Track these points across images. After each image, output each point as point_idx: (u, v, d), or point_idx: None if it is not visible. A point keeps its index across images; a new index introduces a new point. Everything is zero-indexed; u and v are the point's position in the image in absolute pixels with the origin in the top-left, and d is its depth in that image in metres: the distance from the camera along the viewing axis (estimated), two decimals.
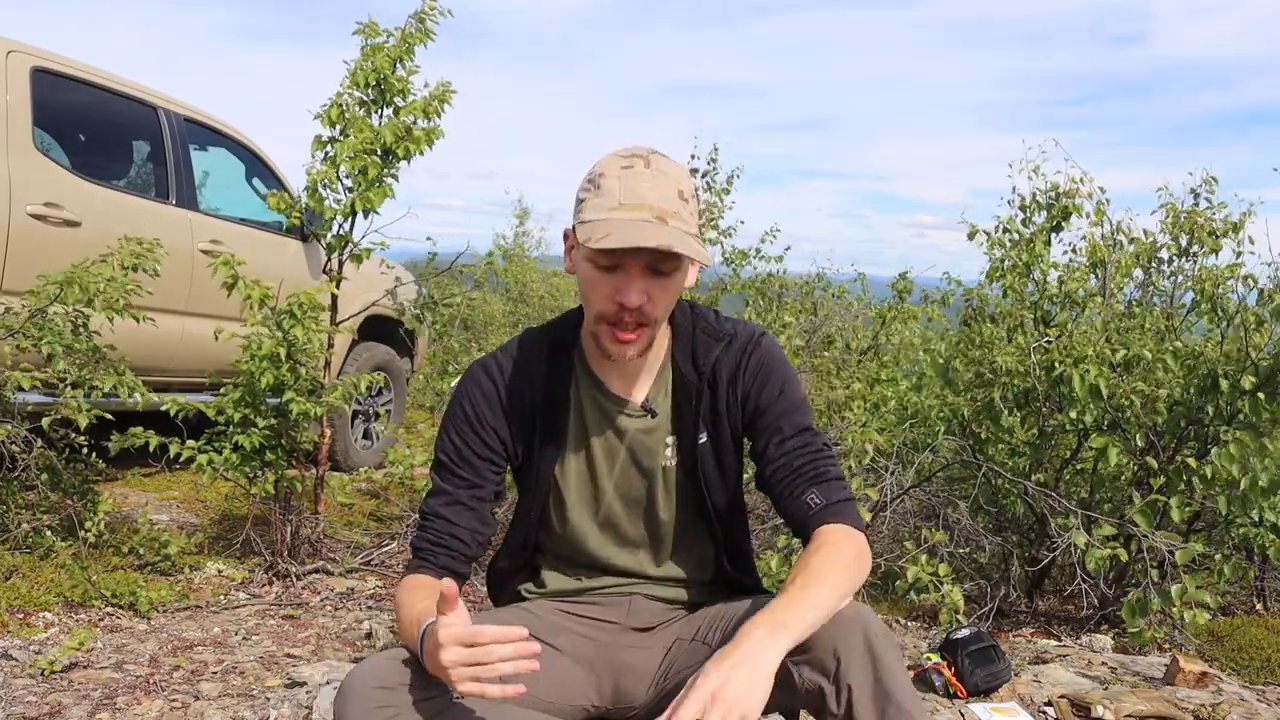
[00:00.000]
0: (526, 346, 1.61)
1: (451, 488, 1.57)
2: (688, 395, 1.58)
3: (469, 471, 1.57)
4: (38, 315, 3.33)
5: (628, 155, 1.44)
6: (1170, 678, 2.96)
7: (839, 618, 1.34)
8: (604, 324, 1.46)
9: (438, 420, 5.63)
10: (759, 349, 1.58)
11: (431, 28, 3.72)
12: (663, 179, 1.41)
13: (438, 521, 1.56)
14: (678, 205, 1.41)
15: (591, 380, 1.60)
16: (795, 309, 5.93)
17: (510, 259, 13.28)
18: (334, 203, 3.70)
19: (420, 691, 1.33)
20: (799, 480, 1.51)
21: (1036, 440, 4.11)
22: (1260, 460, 3.50)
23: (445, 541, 1.55)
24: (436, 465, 1.60)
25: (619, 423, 1.59)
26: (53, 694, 2.49)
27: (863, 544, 1.46)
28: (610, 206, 1.40)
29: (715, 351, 1.58)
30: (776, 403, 1.56)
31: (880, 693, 1.28)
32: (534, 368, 1.59)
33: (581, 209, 1.44)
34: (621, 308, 1.42)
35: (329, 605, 3.47)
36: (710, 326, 1.60)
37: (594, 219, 1.40)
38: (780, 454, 1.53)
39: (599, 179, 1.43)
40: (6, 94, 3.92)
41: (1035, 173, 4.44)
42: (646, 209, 1.39)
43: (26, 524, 3.39)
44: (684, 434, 1.59)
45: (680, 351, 1.59)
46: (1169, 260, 4.56)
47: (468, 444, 1.57)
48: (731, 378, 1.57)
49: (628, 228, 1.37)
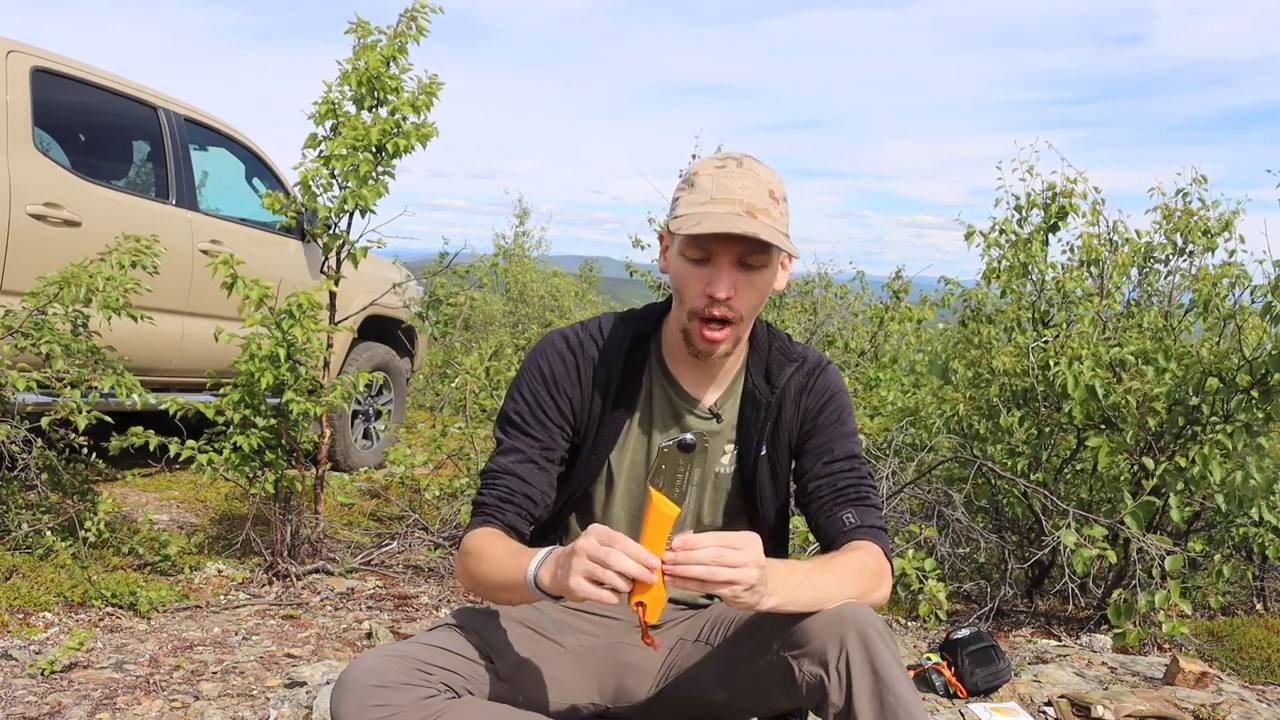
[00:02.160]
0: (608, 330, 1.63)
1: (524, 446, 1.57)
2: (756, 408, 1.62)
3: (540, 431, 1.57)
4: (36, 315, 3.33)
5: (722, 158, 1.50)
6: (1170, 678, 2.96)
7: (837, 613, 1.36)
8: (696, 319, 1.50)
9: (438, 420, 5.63)
10: (825, 374, 1.64)
11: (424, 25, 3.73)
12: (754, 179, 1.47)
13: (509, 479, 1.55)
14: (768, 203, 1.46)
15: (665, 375, 1.63)
16: (795, 308, 5.93)
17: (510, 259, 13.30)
18: (329, 201, 3.71)
19: (418, 690, 1.33)
20: (840, 499, 1.56)
21: (1035, 440, 4.11)
22: (1256, 459, 3.50)
23: (515, 499, 1.54)
24: (505, 422, 1.60)
25: (685, 421, 1.62)
26: (53, 694, 2.49)
27: (886, 567, 1.50)
28: (703, 201, 1.46)
29: (788, 371, 1.63)
30: (832, 427, 1.61)
31: (878, 683, 1.30)
32: (613, 352, 1.61)
33: (676, 206, 1.51)
34: (711, 300, 1.46)
35: (329, 605, 3.47)
36: (785, 347, 1.65)
37: (687, 213, 1.46)
38: (826, 473, 1.58)
39: (694, 178, 1.49)
40: (6, 94, 3.92)
41: (1030, 173, 4.45)
42: (737, 203, 1.44)
43: (26, 524, 3.39)
44: (746, 444, 1.63)
45: (755, 366, 1.63)
46: (1165, 260, 4.56)
47: (541, 404, 1.58)
48: (796, 397, 1.62)
49: (718, 218, 1.43)
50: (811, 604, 1.36)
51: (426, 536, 4.33)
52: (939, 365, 5.13)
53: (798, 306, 6.12)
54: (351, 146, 3.58)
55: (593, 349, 1.61)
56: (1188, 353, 3.79)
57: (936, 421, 4.40)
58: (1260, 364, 3.51)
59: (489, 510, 1.54)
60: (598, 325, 1.64)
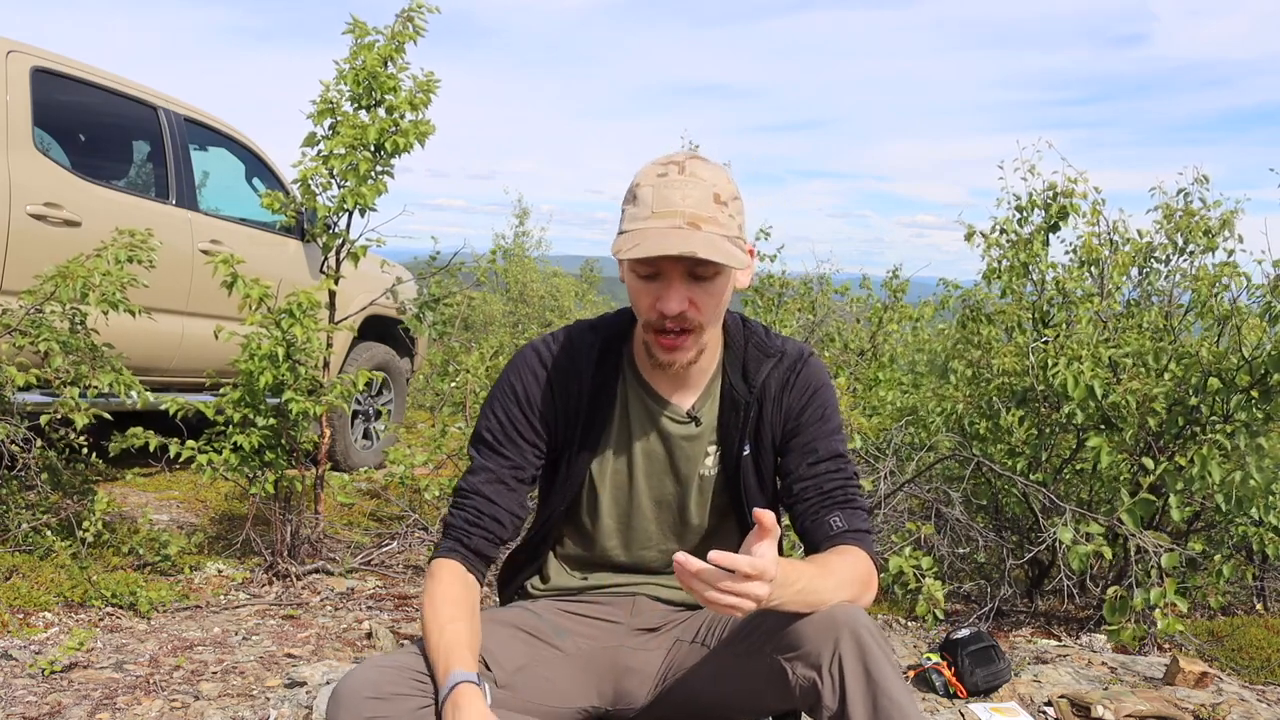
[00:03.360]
0: (577, 339, 1.61)
1: (495, 465, 1.56)
2: (735, 408, 1.59)
3: (513, 450, 1.57)
4: (34, 313, 3.33)
5: (664, 163, 1.46)
6: (1170, 678, 2.96)
7: (830, 615, 1.35)
8: (651, 332, 1.49)
9: (438, 420, 5.64)
10: (807, 367, 1.60)
11: (421, 25, 3.74)
12: (697, 184, 1.42)
13: (477, 499, 1.55)
14: (713, 210, 1.42)
15: (639, 382, 1.61)
16: (794, 308, 5.93)
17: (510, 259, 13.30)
18: (328, 200, 3.71)
19: (413, 700, 1.32)
20: (827, 502, 1.54)
21: (1035, 440, 4.11)
22: (1256, 459, 3.50)
23: (482, 521, 1.54)
24: (478, 440, 1.59)
25: (662, 426, 1.60)
26: (53, 694, 2.49)
27: (873, 572, 1.49)
28: (644, 216, 1.42)
29: (766, 368, 1.59)
30: (816, 425, 1.58)
31: (871, 685, 1.30)
32: (584, 362, 1.58)
33: (621, 221, 1.46)
34: (663, 315, 1.44)
35: (329, 605, 3.47)
36: (762, 342, 1.62)
37: (628, 229, 1.43)
38: (811, 474, 1.56)
39: (636, 190, 1.45)
40: (6, 94, 3.92)
41: (1031, 172, 4.45)
42: (678, 216, 1.40)
43: (26, 524, 3.39)
44: (728, 445, 1.60)
45: (731, 364, 1.60)
46: (1165, 260, 4.56)
47: (514, 423, 1.57)
48: (777, 394, 1.59)
49: (657, 236, 1.39)
50: (810, 607, 1.35)
51: (426, 536, 4.33)
52: (938, 365, 5.13)
53: (797, 306, 6.13)
54: (350, 145, 3.59)
55: (564, 360, 1.58)
56: (1188, 353, 3.79)
57: (936, 419, 4.40)
58: (1260, 364, 3.51)
59: (457, 533, 1.54)
60: (567, 335, 1.62)
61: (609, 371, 1.59)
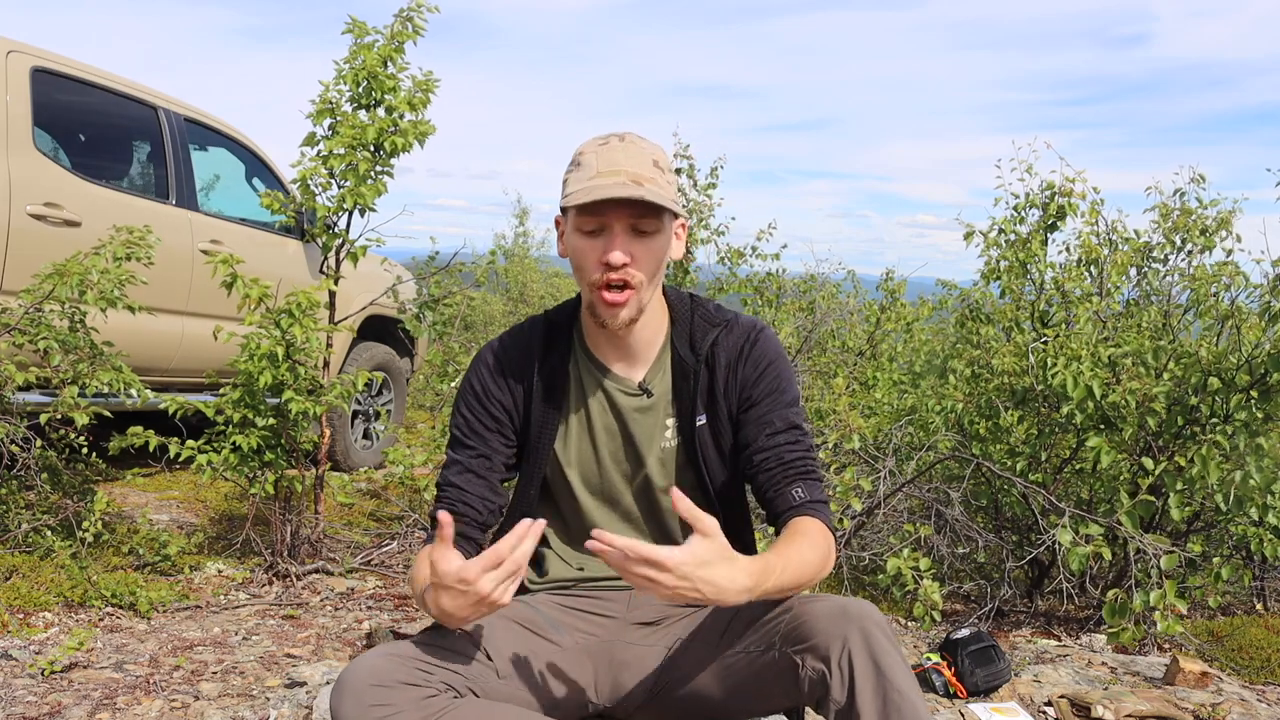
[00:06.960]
0: (528, 328, 1.69)
1: (463, 457, 1.64)
2: (685, 377, 1.64)
3: (478, 441, 1.63)
4: (33, 311, 3.33)
5: (605, 136, 1.56)
6: (1170, 678, 2.97)
7: (841, 609, 1.37)
8: (596, 291, 1.54)
9: (438, 420, 5.63)
10: (761, 339, 1.64)
11: (420, 25, 3.75)
12: (638, 150, 1.52)
13: (449, 490, 1.62)
14: (653, 173, 1.52)
15: (589, 358, 1.66)
16: (792, 308, 5.93)
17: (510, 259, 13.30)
18: (327, 200, 3.71)
19: (418, 690, 1.33)
20: (790, 472, 1.57)
21: (1034, 440, 4.12)
22: (1256, 459, 3.50)
23: (457, 509, 1.60)
24: (450, 441, 1.67)
25: (616, 400, 1.64)
26: (53, 694, 2.49)
27: (832, 545, 1.54)
28: (589, 176, 1.51)
29: (712, 335, 1.64)
30: (772, 395, 1.61)
31: (881, 679, 1.31)
32: (533, 344, 1.66)
33: (565, 186, 1.56)
34: (608, 266, 1.50)
35: (329, 605, 3.47)
36: (708, 313, 1.67)
37: (575, 189, 1.51)
38: (771, 444, 1.59)
39: (579, 158, 1.54)
40: (6, 94, 3.92)
41: (1029, 172, 4.45)
42: (623, 173, 1.49)
43: (26, 524, 3.39)
44: (683, 415, 1.64)
45: (679, 336, 1.65)
46: (1164, 259, 4.57)
47: (476, 417, 1.64)
48: (730, 363, 1.63)
49: (606, 188, 1.47)
50: (787, 591, 1.40)
51: (426, 536, 4.33)
52: (937, 365, 5.14)
53: (795, 306, 6.13)
54: (349, 145, 3.59)
55: (514, 349, 1.66)
56: (1187, 353, 3.79)
57: (935, 419, 4.40)
58: (1259, 364, 3.51)
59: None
60: (519, 326, 1.71)
61: (559, 350, 1.66)
